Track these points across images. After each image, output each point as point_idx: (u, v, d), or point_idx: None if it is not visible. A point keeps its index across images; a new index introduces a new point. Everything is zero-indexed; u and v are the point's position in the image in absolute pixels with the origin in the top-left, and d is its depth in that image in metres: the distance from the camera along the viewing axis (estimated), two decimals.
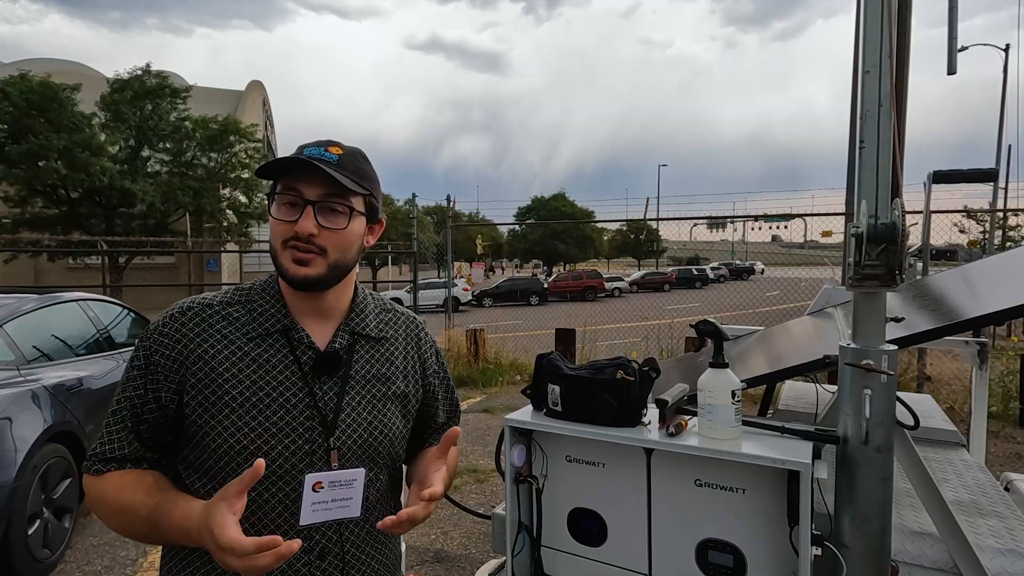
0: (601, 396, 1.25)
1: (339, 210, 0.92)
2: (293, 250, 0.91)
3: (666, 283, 30.02)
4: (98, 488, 0.91)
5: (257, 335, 0.94)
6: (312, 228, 0.90)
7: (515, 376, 7.74)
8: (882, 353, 1.09)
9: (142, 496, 0.87)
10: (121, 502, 0.88)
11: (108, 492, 0.89)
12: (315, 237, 0.91)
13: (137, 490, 0.88)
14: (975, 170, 2.27)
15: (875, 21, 1.12)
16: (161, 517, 0.84)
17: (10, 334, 3.29)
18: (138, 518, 0.87)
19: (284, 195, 0.91)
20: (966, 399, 5.23)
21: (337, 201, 0.92)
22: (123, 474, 0.91)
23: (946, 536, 1.20)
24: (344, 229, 0.93)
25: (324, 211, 0.91)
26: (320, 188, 0.91)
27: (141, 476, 0.91)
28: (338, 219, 0.93)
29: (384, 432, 0.99)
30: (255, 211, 20.42)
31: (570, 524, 1.32)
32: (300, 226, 0.90)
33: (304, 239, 0.90)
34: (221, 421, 0.89)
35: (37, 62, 24.09)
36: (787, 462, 1.03)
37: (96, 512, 0.93)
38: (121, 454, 0.91)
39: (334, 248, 0.93)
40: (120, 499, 0.88)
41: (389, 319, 1.09)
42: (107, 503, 0.90)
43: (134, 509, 0.87)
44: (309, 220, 0.90)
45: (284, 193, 0.91)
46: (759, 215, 11.56)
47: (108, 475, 0.90)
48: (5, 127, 15.99)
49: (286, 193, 0.91)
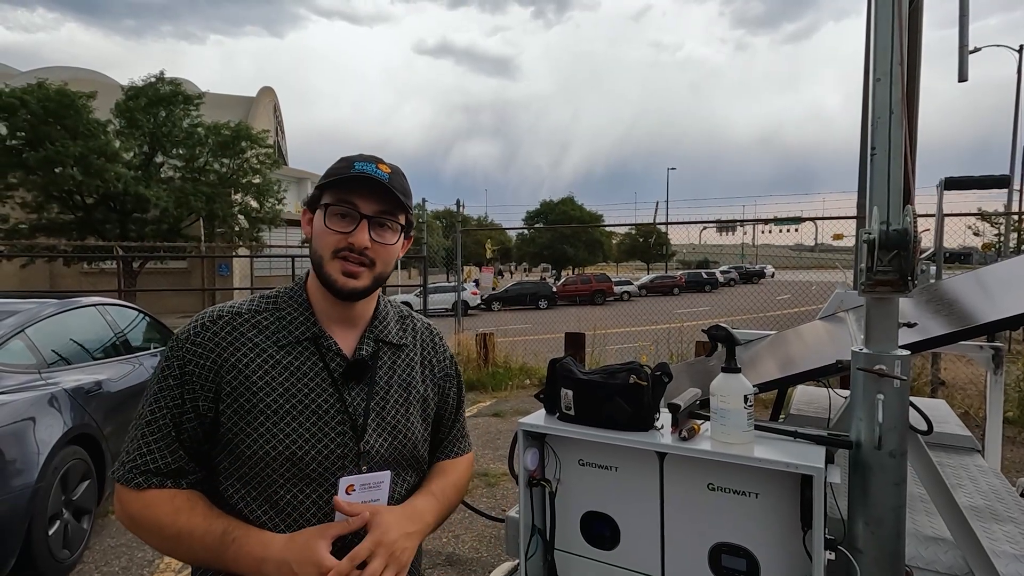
0: (614, 400, 1.26)
1: (390, 226, 0.98)
2: (344, 261, 0.94)
3: (675, 287, 29.89)
4: (140, 505, 0.89)
5: (287, 343, 0.96)
6: (367, 241, 0.94)
7: (524, 380, 7.74)
8: (895, 358, 1.10)
9: (200, 520, 0.88)
10: (177, 526, 0.88)
11: (160, 515, 0.89)
12: (367, 250, 0.95)
13: (194, 515, 0.89)
14: (987, 176, 2.26)
15: (886, 28, 1.13)
16: (232, 544, 0.86)
17: (31, 338, 3.36)
18: (199, 543, 0.87)
19: (338, 207, 0.95)
20: (981, 404, 5.17)
21: (389, 218, 0.97)
22: (173, 495, 0.90)
23: (961, 541, 1.20)
24: (393, 245, 0.98)
25: (376, 226, 0.96)
26: (376, 204, 0.95)
27: (192, 499, 0.91)
28: (388, 235, 0.98)
29: (408, 435, 1.02)
30: (266, 216, 20.61)
31: (583, 527, 1.33)
32: (357, 239, 0.94)
33: (359, 251, 0.94)
34: (256, 428, 0.91)
35: (54, 70, 24.53)
36: (800, 466, 1.04)
37: (133, 527, 0.91)
38: (164, 463, 0.90)
39: (381, 262, 0.97)
40: (176, 523, 0.88)
41: (407, 326, 1.12)
42: (155, 525, 0.89)
43: (194, 535, 0.87)
44: (365, 233, 0.94)
45: (338, 204, 0.95)
46: (769, 219, 11.50)
47: (151, 493, 0.90)
48: (23, 134, 16.29)
49: (340, 205, 0.94)
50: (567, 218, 44.80)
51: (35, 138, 16.11)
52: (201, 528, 0.88)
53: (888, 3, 1.11)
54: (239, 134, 19.42)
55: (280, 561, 0.84)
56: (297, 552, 0.83)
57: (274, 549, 0.85)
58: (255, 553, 0.85)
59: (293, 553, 0.84)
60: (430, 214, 19.50)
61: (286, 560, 0.83)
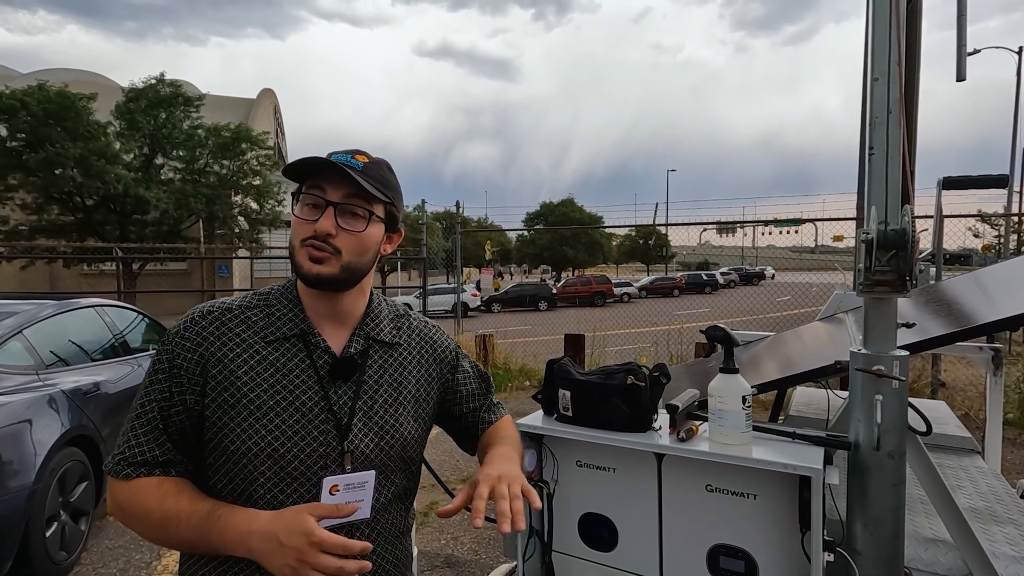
0: (612, 401, 1.25)
1: (359, 213, 0.95)
2: (310, 248, 0.93)
3: (675, 288, 29.89)
4: (129, 494, 0.90)
5: (275, 339, 0.96)
6: (330, 228, 0.93)
7: (524, 381, 7.73)
8: (893, 359, 1.10)
9: (186, 503, 0.88)
10: (164, 510, 0.88)
11: (148, 501, 0.88)
12: (332, 237, 0.93)
13: (181, 498, 0.89)
14: (985, 176, 2.26)
15: (883, 28, 1.12)
16: (218, 521, 0.85)
17: (29, 339, 3.35)
18: (185, 524, 0.87)
19: (308, 195, 0.94)
20: (981, 405, 5.16)
21: (358, 204, 0.95)
22: (160, 482, 0.90)
23: (960, 543, 1.20)
24: (361, 232, 0.96)
25: (344, 213, 0.94)
26: (343, 190, 0.94)
27: (179, 484, 0.91)
28: (357, 222, 0.95)
29: (396, 436, 1.01)
30: (266, 218, 20.63)
31: (581, 529, 1.33)
32: (319, 225, 0.92)
33: (321, 238, 0.93)
34: (240, 424, 0.91)
35: (54, 72, 24.55)
36: (799, 467, 1.04)
37: (123, 517, 0.91)
38: (152, 456, 0.91)
39: (349, 250, 0.95)
40: (163, 507, 0.88)
41: (403, 325, 1.11)
42: (142, 510, 0.89)
43: (181, 516, 0.87)
44: (328, 220, 0.93)
45: (308, 193, 0.94)
46: (769, 220, 11.50)
47: (139, 481, 0.90)
48: (23, 136, 16.31)
49: (310, 193, 0.94)
50: (567, 219, 44.82)
51: (35, 140, 16.13)
52: (187, 510, 0.87)
53: (886, 3, 1.11)
54: (239, 136, 19.45)
55: (266, 532, 0.82)
56: (284, 523, 0.82)
57: (260, 522, 0.84)
58: (240, 527, 0.84)
59: (280, 524, 0.82)
60: (430, 215, 19.51)
61: (272, 531, 0.82)
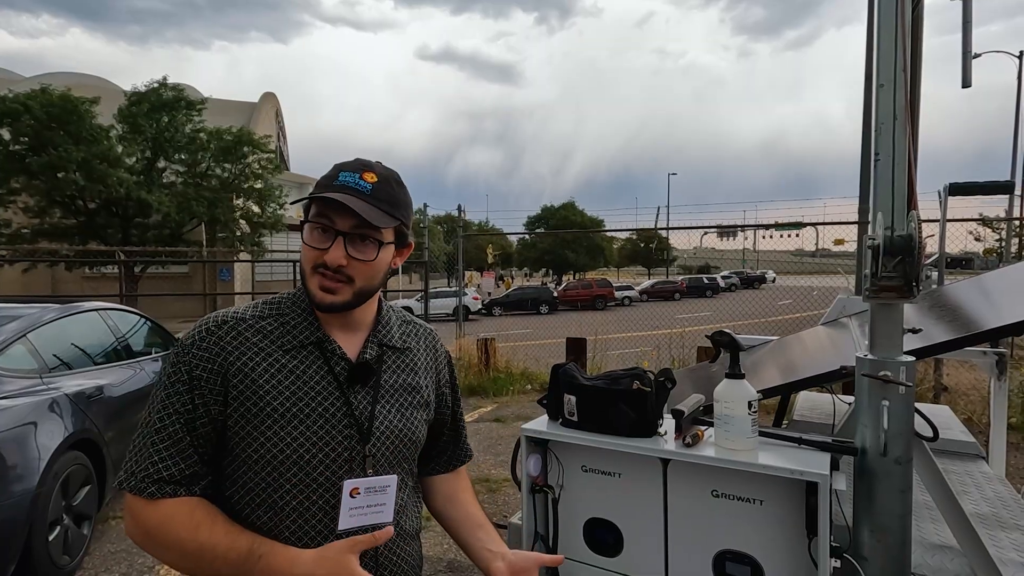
0: (618, 406, 1.25)
1: (370, 241, 0.94)
2: (321, 277, 0.93)
3: (676, 292, 29.87)
4: (157, 520, 0.87)
5: (292, 347, 0.96)
6: (341, 259, 0.92)
7: (526, 385, 7.72)
8: (900, 364, 1.10)
9: (222, 536, 0.86)
10: (199, 541, 0.86)
11: (180, 530, 0.86)
12: (344, 267, 0.93)
13: (215, 529, 0.87)
14: (991, 182, 2.26)
15: (889, 35, 1.13)
16: (259, 561, 0.84)
17: (33, 343, 3.36)
18: (221, 561, 0.85)
19: (316, 222, 0.94)
20: (985, 410, 5.15)
21: (367, 231, 0.93)
22: (191, 509, 0.88)
23: (967, 549, 1.19)
24: (372, 261, 0.95)
25: (354, 241, 0.93)
26: (351, 219, 0.92)
27: (211, 512, 0.89)
28: (368, 250, 0.94)
29: (412, 439, 1.03)
30: (268, 221, 20.67)
31: (586, 534, 1.33)
32: (329, 257, 0.92)
33: (333, 269, 0.92)
34: (264, 432, 0.91)
35: (57, 76, 24.65)
36: (805, 473, 1.04)
37: (149, 544, 0.88)
38: (177, 470, 0.89)
39: (361, 277, 0.95)
40: (197, 538, 0.86)
41: (410, 330, 1.12)
42: (174, 539, 0.86)
43: (216, 551, 0.85)
44: (339, 251, 0.92)
45: (316, 220, 0.94)
46: (770, 224, 11.50)
47: (168, 505, 0.87)
48: (26, 140, 16.37)
49: (318, 220, 0.93)
50: (568, 223, 44.84)
51: (38, 143, 16.19)
52: (224, 544, 0.86)
53: (891, 10, 1.12)
54: (241, 139, 19.50)
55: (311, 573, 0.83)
56: (329, 568, 0.82)
57: (303, 566, 0.84)
58: (283, 569, 0.84)
59: (324, 569, 0.83)
60: (432, 219, 19.57)
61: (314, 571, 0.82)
